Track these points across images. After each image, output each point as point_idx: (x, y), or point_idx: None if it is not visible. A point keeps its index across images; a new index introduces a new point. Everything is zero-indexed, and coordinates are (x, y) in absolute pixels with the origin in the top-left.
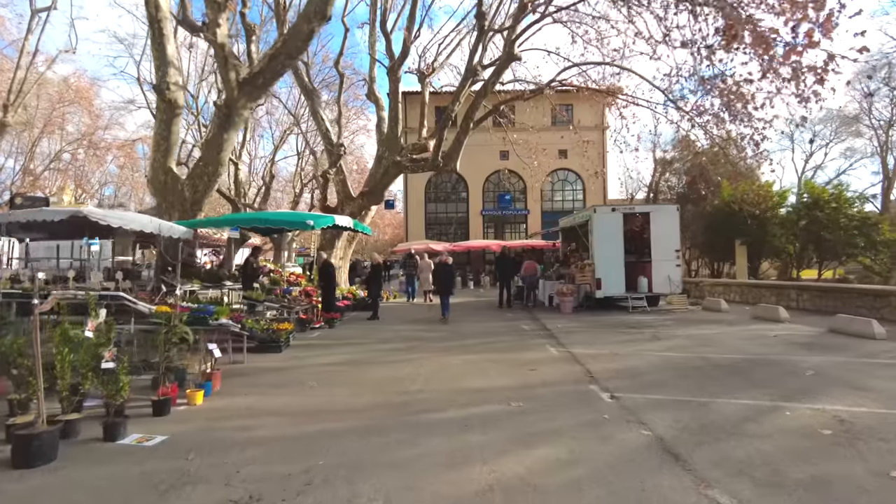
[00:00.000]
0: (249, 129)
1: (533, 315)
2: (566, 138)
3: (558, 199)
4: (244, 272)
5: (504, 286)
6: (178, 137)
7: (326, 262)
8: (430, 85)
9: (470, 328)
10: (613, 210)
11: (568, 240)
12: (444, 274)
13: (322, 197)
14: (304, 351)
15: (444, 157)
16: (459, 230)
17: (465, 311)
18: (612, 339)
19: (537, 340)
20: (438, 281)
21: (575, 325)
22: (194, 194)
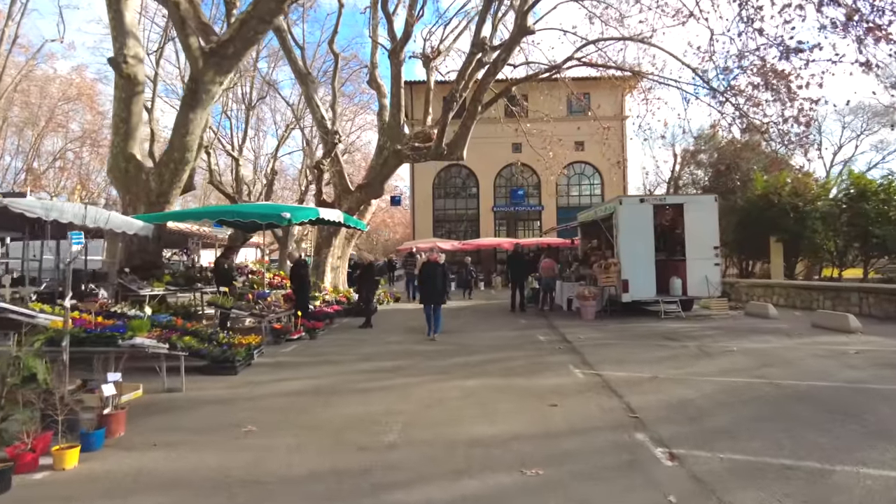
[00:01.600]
0: (252, 124)
1: (550, 321)
2: (583, 129)
3: (574, 194)
4: (215, 274)
5: (517, 288)
6: (140, 119)
7: (298, 262)
8: (436, 70)
9: (475, 339)
10: (642, 201)
11: (588, 236)
12: (431, 277)
13: (317, 191)
14: (265, 373)
15: (450, 144)
16: (470, 228)
17: (472, 317)
18: (649, 355)
19: (557, 357)
20: (425, 286)
21: (600, 335)
22: (161, 185)
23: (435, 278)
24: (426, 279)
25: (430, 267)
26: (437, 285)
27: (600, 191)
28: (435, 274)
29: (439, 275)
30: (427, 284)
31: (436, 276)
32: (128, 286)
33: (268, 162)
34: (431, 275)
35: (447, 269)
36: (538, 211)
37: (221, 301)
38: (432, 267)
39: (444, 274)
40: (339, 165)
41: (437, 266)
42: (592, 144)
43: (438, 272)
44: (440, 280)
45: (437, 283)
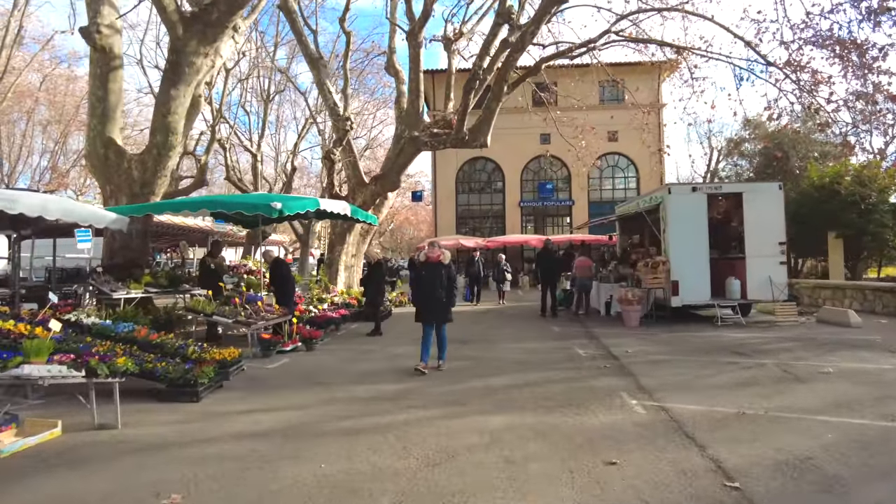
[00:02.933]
0: (271, 119)
1: (587, 329)
2: (617, 118)
3: (608, 188)
4: (200, 273)
5: (547, 289)
6: (120, 98)
7: (277, 261)
8: (458, 54)
9: (500, 352)
10: (694, 190)
11: (628, 231)
12: (431, 283)
13: (328, 183)
14: (234, 399)
15: (472, 130)
16: (495, 224)
17: (495, 322)
18: (720, 377)
19: (604, 380)
20: (422, 295)
21: (651, 347)
22: (144, 174)
23: (435, 285)
24: (424, 286)
25: (430, 269)
26: (439, 294)
27: (636, 184)
28: (435, 278)
29: (442, 279)
30: (425, 293)
31: (436, 281)
32: (100, 288)
33: (287, 158)
34: (431, 280)
35: (453, 272)
36: (568, 206)
37: (201, 306)
38: (433, 269)
39: (449, 278)
40: (352, 155)
41: (438, 267)
42: (627, 134)
43: (441, 275)
44: (444, 287)
45: (438, 291)
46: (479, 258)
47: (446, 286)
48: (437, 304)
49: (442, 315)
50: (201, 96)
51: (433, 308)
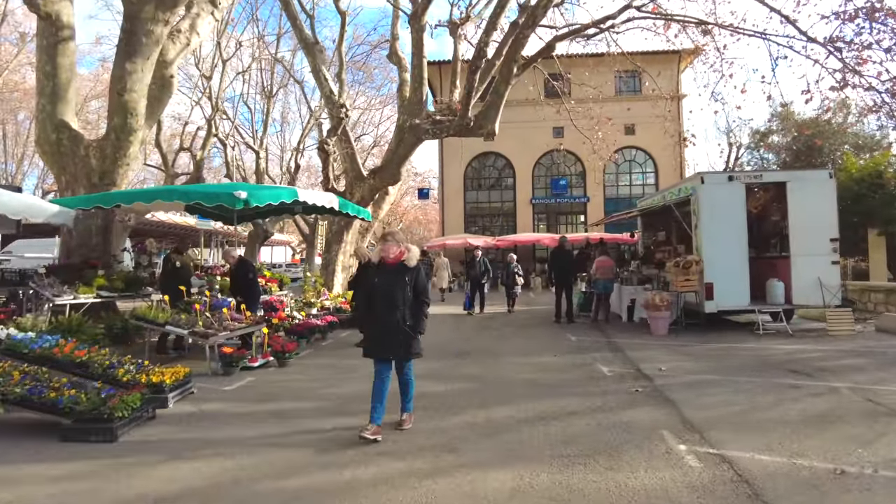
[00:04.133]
0: (276, 115)
1: (608, 338)
2: (634, 110)
3: (624, 184)
4: (162, 273)
5: (562, 291)
6: (72, 76)
7: (242, 261)
8: (464, 39)
9: (506, 371)
10: (731, 179)
11: (652, 227)
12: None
13: (323, 177)
14: (156, 440)
15: (478, 116)
16: (505, 222)
17: (504, 331)
18: (786, 407)
19: (637, 411)
20: (372, 316)
21: (688, 363)
22: (103, 162)
23: (394, 300)
24: (376, 301)
25: (386, 277)
26: (399, 315)
27: (654, 179)
28: (394, 290)
29: (405, 292)
30: (377, 312)
31: (395, 293)
32: (41, 292)
33: (291, 155)
34: (388, 293)
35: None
36: (583, 203)
37: (153, 314)
38: (391, 276)
39: (417, 289)
40: (349, 147)
41: (399, 273)
42: (645, 127)
43: (402, 285)
44: (407, 304)
45: (397, 310)
46: (481, 258)
47: (411, 303)
48: (394, 329)
49: (403, 347)
50: (173, 77)
51: (389, 336)
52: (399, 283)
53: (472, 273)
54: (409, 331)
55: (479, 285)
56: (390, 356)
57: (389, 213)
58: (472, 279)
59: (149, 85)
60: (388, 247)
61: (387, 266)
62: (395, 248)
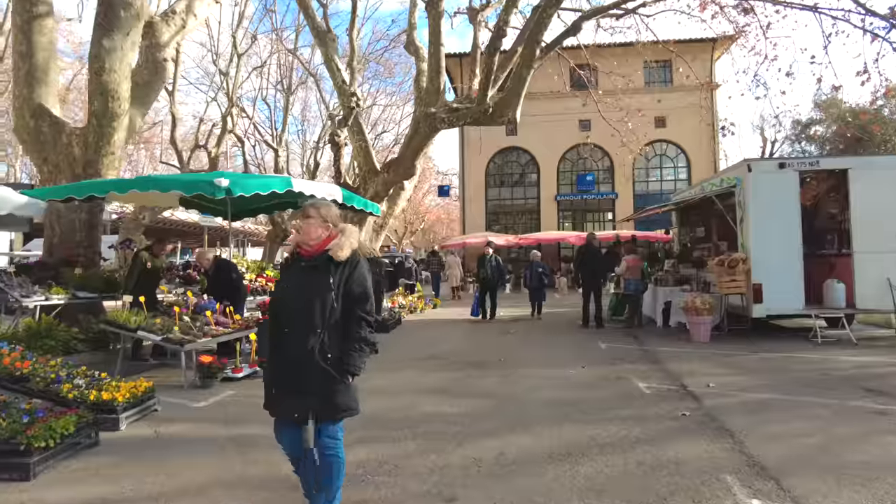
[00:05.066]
0: (297, 113)
1: (642, 345)
2: (665, 102)
3: (654, 179)
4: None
5: (591, 293)
6: (51, 56)
7: (221, 263)
8: (485, 26)
9: (526, 386)
10: (783, 166)
11: (690, 223)
12: (298, 314)
13: (335, 171)
14: (82, 479)
15: (498, 103)
16: (529, 220)
17: (526, 336)
18: (880, 440)
19: (687, 444)
20: (274, 344)
21: (738, 377)
22: (86, 151)
23: (310, 320)
24: (276, 316)
25: (297, 279)
26: (315, 344)
27: (686, 174)
28: (311, 303)
29: (326, 304)
30: (276, 336)
31: (312, 309)
32: (8, 293)
33: (311, 154)
34: (297, 300)
35: (365, 284)
36: (611, 199)
37: (124, 317)
38: (303, 276)
39: (352, 295)
40: (362, 140)
41: (322, 276)
42: (677, 119)
43: (320, 290)
44: (328, 319)
45: (312, 336)
46: (491, 256)
47: (338, 321)
48: (305, 366)
49: (321, 398)
50: (167, 61)
51: (296, 377)
52: (318, 286)
53: (480, 273)
54: (332, 369)
55: (491, 287)
56: (301, 414)
57: (411, 212)
58: (482, 280)
59: (139, 68)
60: (308, 227)
61: (302, 260)
62: (317, 230)
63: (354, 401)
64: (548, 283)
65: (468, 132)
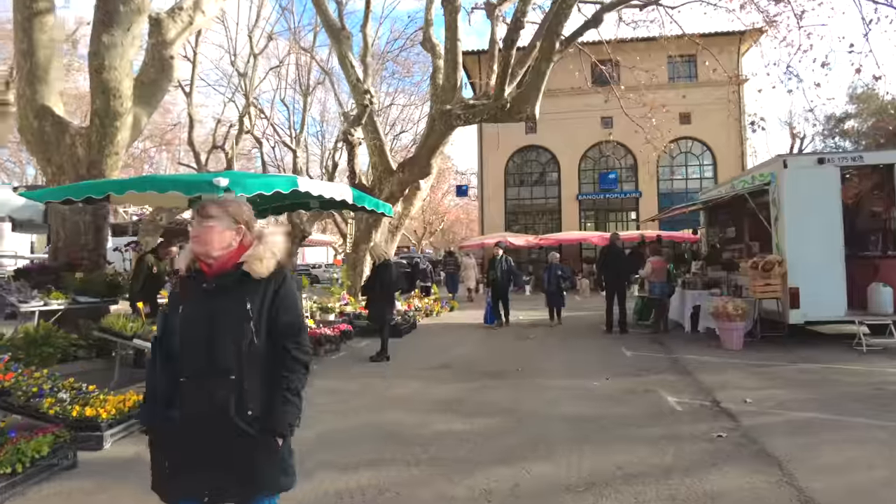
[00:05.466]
0: (315, 113)
1: (670, 353)
2: (690, 98)
3: (679, 177)
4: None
5: (615, 296)
6: (53, 54)
7: None
8: (503, 22)
9: (545, 399)
10: (822, 162)
11: (719, 223)
12: (204, 357)
13: (349, 170)
14: (61, 502)
15: (516, 98)
16: (550, 220)
17: (545, 342)
18: None
19: (727, 473)
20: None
21: (777, 389)
22: (90, 151)
23: (213, 350)
24: (175, 354)
25: (197, 301)
26: (223, 395)
27: (712, 172)
28: (216, 328)
29: (241, 330)
30: (166, 382)
31: (218, 335)
32: (6, 298)
33: (328, 155)
34: (201, 333)
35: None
36: (634, 198)
37: (120, 324)
38: (209, 301)
39: (281, 324)
40: (377, 139)
41: (235, 292)
42: (702, 116)
43: (234, 320)
44: (247, 357)
45: (221, 377)
46: (502, 257)
47: (262, 360)
48: (215, 427)
49: (239, 473)
50: (173, 58)
51: (205, 448)
52: (229, 315)
53: (490, 275)
54: (253, 431)
55: (503, 292)
56: (207, 498)
57: (430, 213)
58: (492, 283)
59: (146, 66)
60: (208, 232)
61: (203, 280)
62: (223, 236)
63: (287, 472)
64: (567, 286)
65: (486, 131)
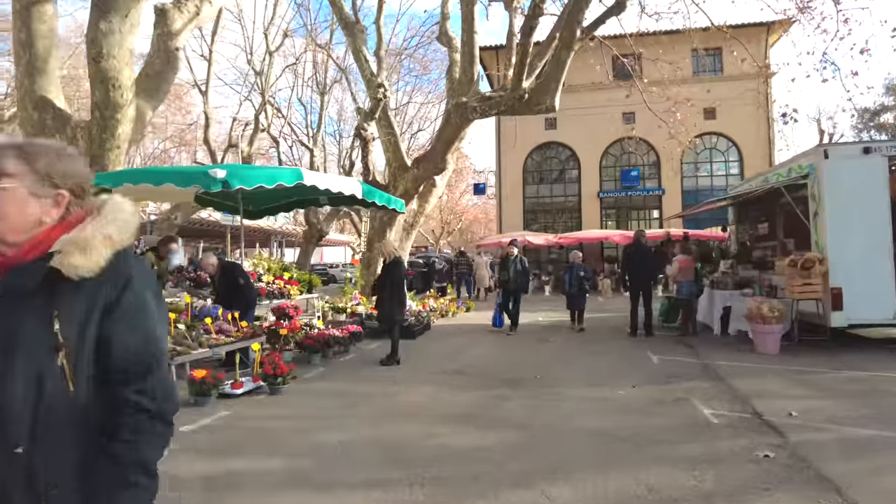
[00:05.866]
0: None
1: (700, 357)
2: (715, 92)
3: (704, 174)
4: None
5: (639, 297)
6: (52, 44)
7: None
8: (521, 13)
9: (566, 413)
10: (868, 151)
11: (750, 219)
12: None
13: (363, 167)
14: None
15: (535, 89)
16: (570, 219)
17: (565, 346)
18: None
19: (779, 501)
20: None
21: (825, 402)
22: (91, 145)
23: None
24: None
25: None
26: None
27: (738, 168)
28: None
29: (42, 362)
30: None
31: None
32: None
33: (346, 154)
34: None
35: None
36: (657, 195)
37: None
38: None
39: (114, 358)
40: (392, 134)
41: (33, 300)
42: (728, 110)
43: (30, 343)
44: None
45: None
46: (516, 257)
47: (89, 423)
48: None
49: None
50: (179, 49)
51: None
52: (24, 337)
53: (502, 276)
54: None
55: (513, 294)
56: None
57: (448, 212)
58: (503, 285)
59: (150, 58)
60: None
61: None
62: (22, 205)
63: None
64: (589, 287)
65: (504, 127)
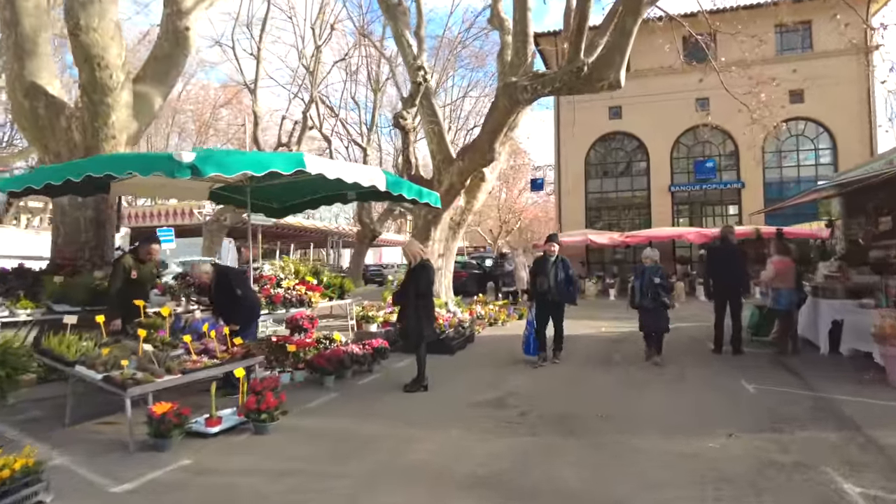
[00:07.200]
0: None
1: (811, 388)
2: (801, 71)
3: (790, 165)
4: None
5: (726, 306)
6: (40, 24)
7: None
8: None
9: (639, 481)
10: None
11: (864, 213)
12: None
13: (403, 159)
14: None
15: (597, 62)
16: (637, 215)
17: (634, 372)
18: None
19: None
20: None
21: None
22: (86, 135)
23: None
24: None
25: None
26: None
27: (831, 158)
28: None
29: None
30: None
31: None
32: None
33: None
34: None
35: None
36: (736, 188)
37: (64, 344)
38: None
39: None
40: (435, 124)
41: None
42: (817, 92)
43: None
44: None
45: None
46: (556, 259)
47: None
48: None
49: None
50: (189, 30)
51: None
52: None
53: (540, 285)
54: None
55: (553, 308)
56: None
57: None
58: (539, 297)
59: (159, 40)
60: None
61: None
62: None
63: None
64: (669, 299)
65: (564, 116)
